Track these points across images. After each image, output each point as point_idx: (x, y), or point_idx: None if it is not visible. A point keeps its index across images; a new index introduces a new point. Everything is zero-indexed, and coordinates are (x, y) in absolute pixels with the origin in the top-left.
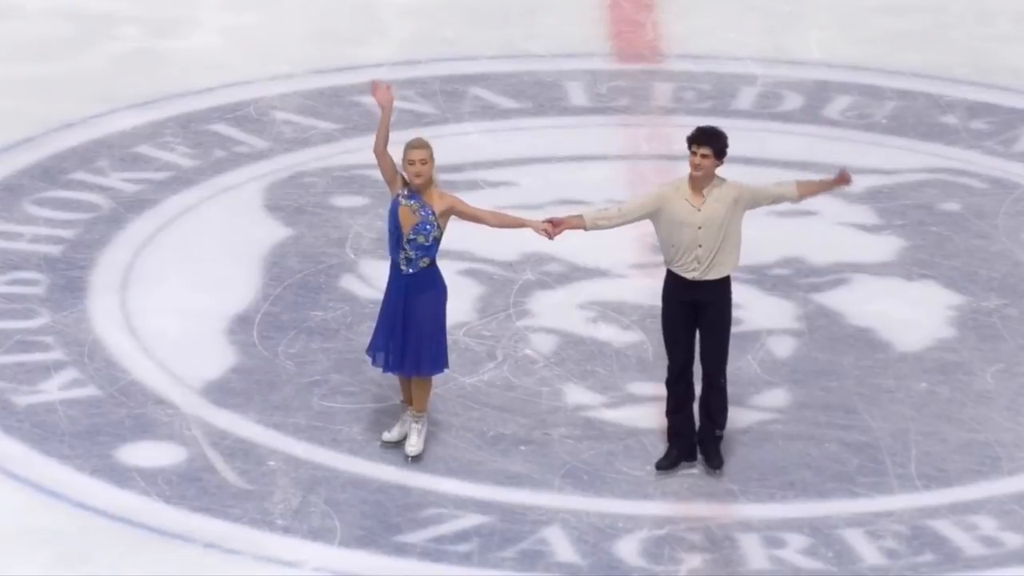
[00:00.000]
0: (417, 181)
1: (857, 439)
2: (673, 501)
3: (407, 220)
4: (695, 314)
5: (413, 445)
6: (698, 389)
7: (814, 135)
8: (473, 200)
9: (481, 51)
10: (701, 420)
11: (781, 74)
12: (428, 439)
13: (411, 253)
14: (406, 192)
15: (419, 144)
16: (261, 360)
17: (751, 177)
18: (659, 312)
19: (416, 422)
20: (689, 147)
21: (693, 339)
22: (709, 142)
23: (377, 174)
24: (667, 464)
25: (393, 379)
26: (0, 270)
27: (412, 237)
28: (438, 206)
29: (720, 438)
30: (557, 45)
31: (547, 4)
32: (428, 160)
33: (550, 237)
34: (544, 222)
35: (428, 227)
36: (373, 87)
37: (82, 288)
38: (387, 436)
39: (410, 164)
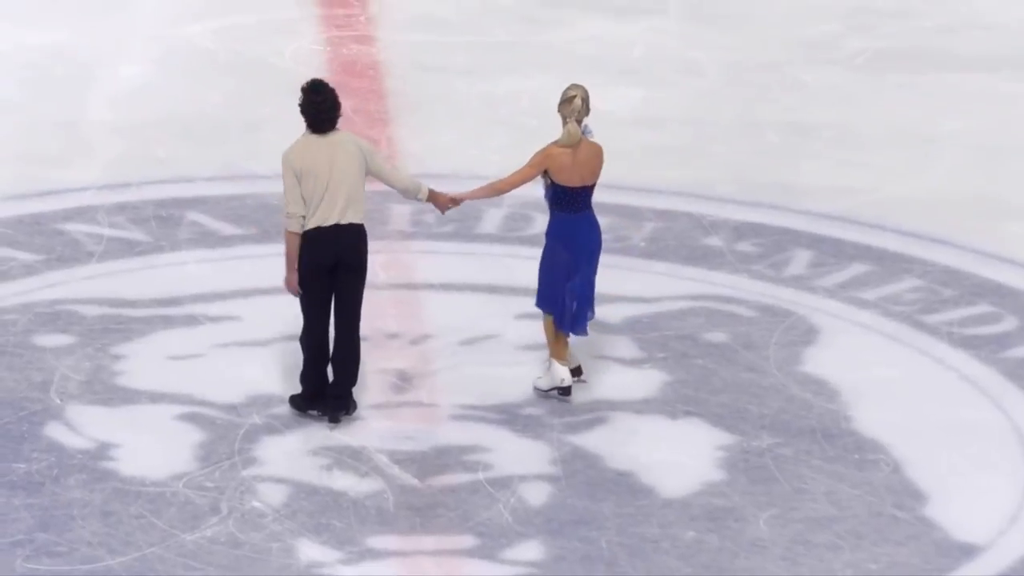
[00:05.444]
0: None
1: None
2: None
3: None
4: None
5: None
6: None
7: None
8: (191, 337)
9: (198, 172)
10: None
11: (530, 194)
12: None
13: None
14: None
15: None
16: None
17: (494, 306)
18: (402, 456)
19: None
20: None
21: None
22: None
23: (84, 310)
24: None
25: (105, 536)
26: None
27: None
28: None
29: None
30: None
31: (270, 120)
32: None
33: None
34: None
35: None
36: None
37: None
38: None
39: None
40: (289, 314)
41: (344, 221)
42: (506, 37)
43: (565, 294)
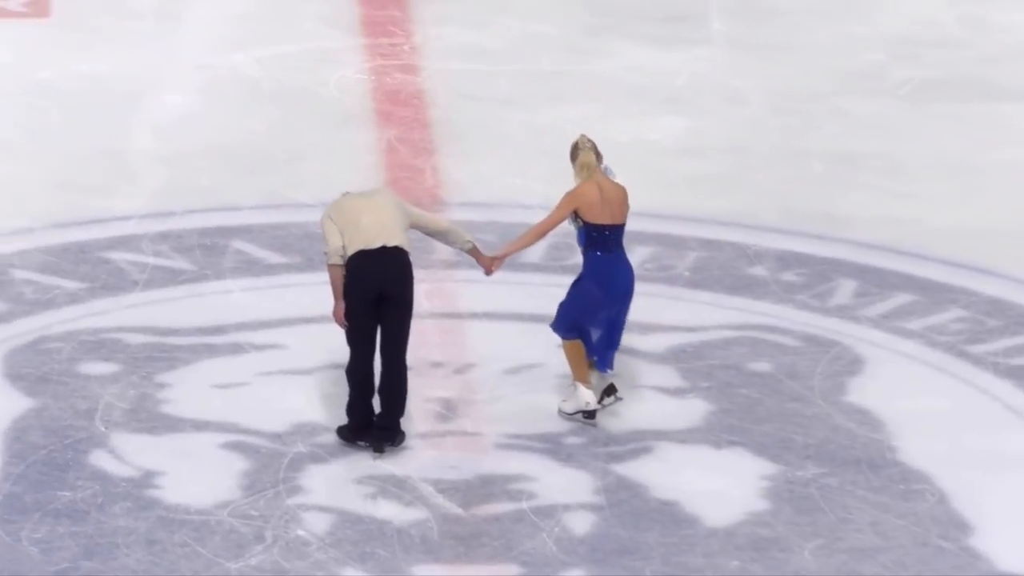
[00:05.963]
0: None
1: None
2: None
3: None
4: None
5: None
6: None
7: None
8: (236, 366)
9: (242, 201)
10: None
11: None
12: None
13: None
14: None
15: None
16: (2, 547)
17: (538, 336)
18: (446, 485)
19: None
20: None
21: None
22: None
23: (129, 338)
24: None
25: (150, 564)
26: None
27: None
28: None
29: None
30: (327, 193)
31: (315, 148)
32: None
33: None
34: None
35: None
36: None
37: None
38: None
39: None
40: (334, 342)
41: (390, 244)
42: (550, 66)
43: (590, 328)
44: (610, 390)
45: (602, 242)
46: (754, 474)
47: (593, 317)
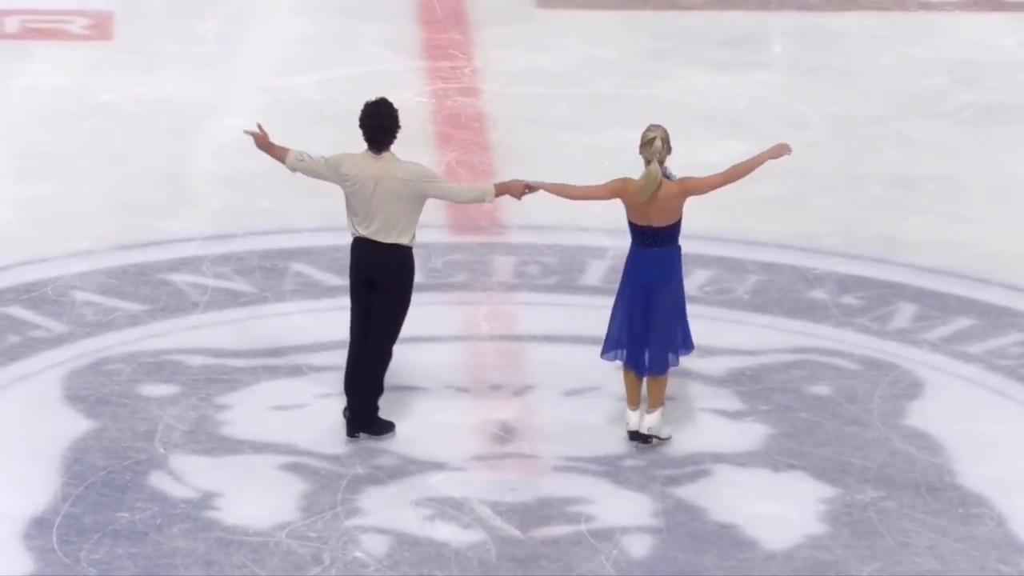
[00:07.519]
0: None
1: None
2: None
3: None
4: None
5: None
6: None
7: None
8: (295, 388)
9: (303, 223)
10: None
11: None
12: None
13: None
14: None
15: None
16: (61, 567)
17: (597, 358)
18: (504, 507)
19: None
20: None
21: None
22: None
23: (189, 360)
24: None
25: None
26: None
27: None
28: None
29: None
30: None
31: None
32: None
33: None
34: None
35: None
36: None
37: None
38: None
39: None
40: (392, 365)
41: (382, 240)
42: (610, 90)
43: (624, 332)
44: (644, 437)
45: (634, 235)
46: (813, 497)
47: (624, 317)
